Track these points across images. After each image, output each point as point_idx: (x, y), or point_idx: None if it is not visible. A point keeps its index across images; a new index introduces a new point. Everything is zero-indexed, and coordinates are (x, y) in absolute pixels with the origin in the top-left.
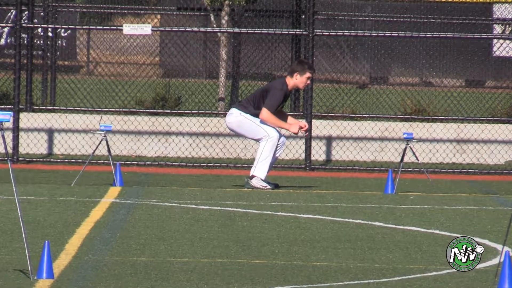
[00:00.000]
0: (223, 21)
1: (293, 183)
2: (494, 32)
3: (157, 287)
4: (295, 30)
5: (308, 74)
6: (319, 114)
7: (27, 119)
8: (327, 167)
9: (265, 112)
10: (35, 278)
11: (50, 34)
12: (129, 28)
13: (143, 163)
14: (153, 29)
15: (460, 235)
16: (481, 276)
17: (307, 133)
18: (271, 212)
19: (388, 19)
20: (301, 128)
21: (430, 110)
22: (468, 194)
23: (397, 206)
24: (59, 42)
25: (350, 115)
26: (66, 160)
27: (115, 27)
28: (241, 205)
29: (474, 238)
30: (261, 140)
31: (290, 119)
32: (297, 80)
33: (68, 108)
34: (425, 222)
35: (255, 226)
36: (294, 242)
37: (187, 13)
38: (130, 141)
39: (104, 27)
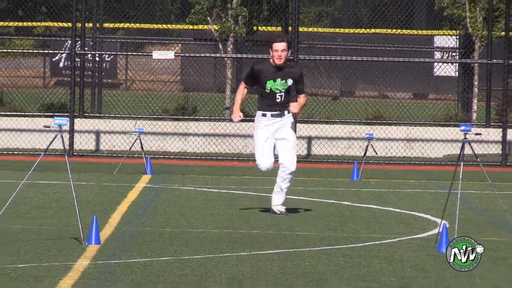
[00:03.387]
0: (229, 49)
1: None
2: (435, 57)
3: (178, 251)
4: None
5: (273, 47)
6: (302, 119)
7: (80, 123)
8: (307, 159)
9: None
10: (86, 244)
11: (97, 58)
12: (157, 54)
13: (168, 157)
14: (175, 55)
15: (408, 211)
16: (425, 243)
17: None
18: (266, 194)
19: (354, 47)
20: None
21: (386, 116)
22: (415, 180)
23: (361, 190)
24: (104, 64)
25: (326, 120)
26: (109, 155)
27: (146, 53)
28: (242, 189)
29: (418, 214)
30: None
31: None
32: (271, 56)
33: (111, 115)
34: (382, 201)
35: (253, 204)
36: (283, 216)
37: (201, 43)
38: (158, 140)
39: (138, 53)
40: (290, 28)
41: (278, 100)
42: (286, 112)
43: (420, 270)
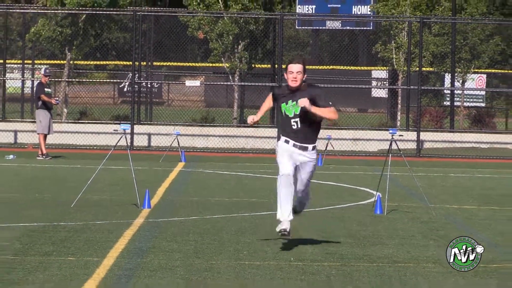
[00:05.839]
0: (236, 79)
1: (273, 162)
2: (372, 84)
3: (203, 213)
4: (272, 83)
5: (288, 69)
6: None
7: (137, 128)
8: None
9: None
10: (141, 208)
11: (149, 85)
12: (188, 83)
13: (195, 150)
14: (201, 83)
15: (354, 186)
16: (365, 207)
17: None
18: (260, 175)
19: (319, 78)
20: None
21: (340, 124)
22: (359, 166)
23: (323, 172)
24: (153, 89)
25: None
26: (157, 149)
27: (181, 82)
28: (245, 172)
29: (361, 188)
30: None
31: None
32: (287, 80)
33: (158, 122)
34: (338, 180)
35: (253, 183)
36: (273, 190)
37: (217, 75)
38: (189, 139)
39: (176, 82)
40: (276, 65)
41: (294, 127)
42: (310, 147)
43: (362, 225)
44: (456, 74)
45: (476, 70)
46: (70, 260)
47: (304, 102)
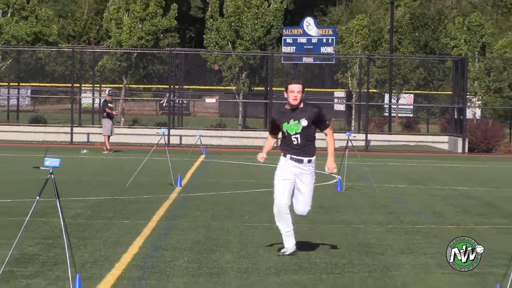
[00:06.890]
0: (240, 97)
1: (267, 155)
2: (334, 101)
3: (217, 190)
4: (265, 100)
5: (289, 88)
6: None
7: (172, 131)
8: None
9: None
10: (175, 186)
11: (180, 102)
12: (208, 100)
13: (213, 147)
14: (216, 100)
15: (322, 172)
16: (330, 186)
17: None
18: (258, 164)
19: None
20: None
21: None
22: (325, 157)
23: None
24: (184, 104)
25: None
26: (186, 146)
27: (203, 100)
28: (248, 161)
29: (326, 172)
30: None
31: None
32: (287, 98)
33: (187, 127)
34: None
35: (253, 169)
36: (271, 175)
37: (228, 94)
38: (208, 139)
39: (199, 99)
40: (268, 88)
41: (294, 143)
42: (306, 160)
43: (327, 198)
44: (392, 94)
45: (406, 91)
46: (126, 222)
47: (332, 169)
